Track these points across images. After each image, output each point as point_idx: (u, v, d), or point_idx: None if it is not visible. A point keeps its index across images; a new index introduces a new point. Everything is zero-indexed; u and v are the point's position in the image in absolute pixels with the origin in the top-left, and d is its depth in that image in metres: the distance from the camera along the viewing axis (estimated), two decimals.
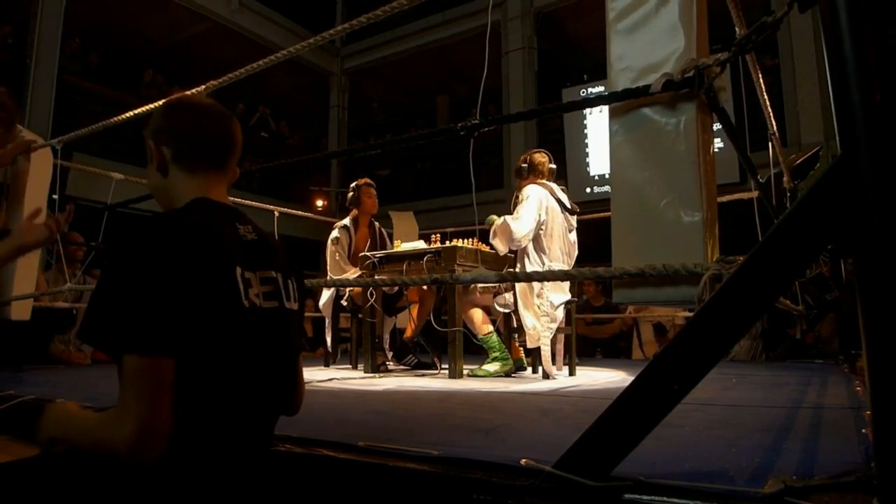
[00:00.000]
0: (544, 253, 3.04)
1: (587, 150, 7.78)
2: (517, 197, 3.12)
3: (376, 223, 4.08)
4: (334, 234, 3.84)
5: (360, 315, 3.67)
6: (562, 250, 3.11)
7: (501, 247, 3.05)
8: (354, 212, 3.95)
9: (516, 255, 3.16)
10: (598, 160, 7.66)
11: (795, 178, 3.55)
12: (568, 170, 7.51)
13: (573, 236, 3.21)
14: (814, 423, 1.58)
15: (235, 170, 1.14)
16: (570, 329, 3.25)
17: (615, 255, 1.46)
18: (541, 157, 3.27)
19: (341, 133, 10.05)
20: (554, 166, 3.29)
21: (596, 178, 7.55)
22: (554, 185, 3.20)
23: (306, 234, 8.67)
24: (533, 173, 3.24)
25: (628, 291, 1.46)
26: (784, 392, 2.32)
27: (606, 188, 7.85)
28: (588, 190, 7.61)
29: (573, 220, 3.23)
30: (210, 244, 0.94)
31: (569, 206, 3.18)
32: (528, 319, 2.98)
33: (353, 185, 3.96)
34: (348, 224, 3.90)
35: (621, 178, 1.47)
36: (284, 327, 1.04)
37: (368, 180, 3.99)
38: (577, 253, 3.22)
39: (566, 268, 3.12)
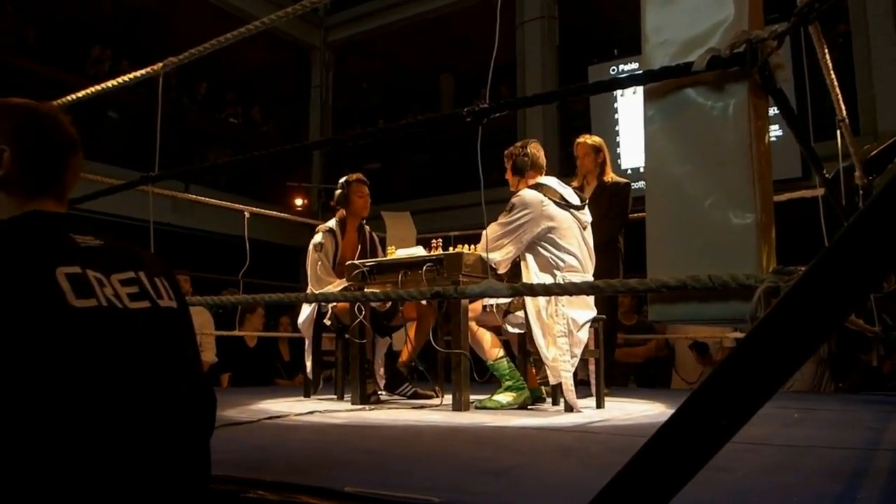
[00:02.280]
0: (557, 268, 3.05)
1: (618, 139, 7.80)
2: (510, 206, 3.14)
3: (367, 227, 4.09)
4: (317, 238, 3.85)
5: (346, 336, 3.66)
6: (580, 257, 3.12)
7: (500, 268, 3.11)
8: (341, 212, 3.96)
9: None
10: (631, 151, 7.68)
11: (870, 172, 3.54)
12: None
13: (589, 237, 3.23)
14: (893, 468, 1.57)
15: (76, 170, 1.20)
16: (597, 352, 3.25)
17: (651, 264, 1.47)
18: (537, 150, 3.32)
19: (325, 119, 10.10)
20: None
21: (628, 172, 7.56)
22: (554, 181, 3.22)
23: (283, 238, 8.71)
24: (533, 169, 3.27)
25: (667, 308, 1.46)
26: (857, 431, 2.32)
27: (641, 184, 7.84)
28: None
29: (585, 215, 3.24)
30: (15, 249, 0.99)
31: (576, 201, 3.20)
32: (546, 350, 2.98)
33: (341, 180, 3.98)
34: (334, 227, 3.91)
35: (658, 172, 1.48)
36: (165, 327, 1.07)
37: (360, 176, 4.01)
38: (594, 257, 3.23)
39: (588, 277, 3.13)
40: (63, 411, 0.91)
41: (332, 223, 3.95)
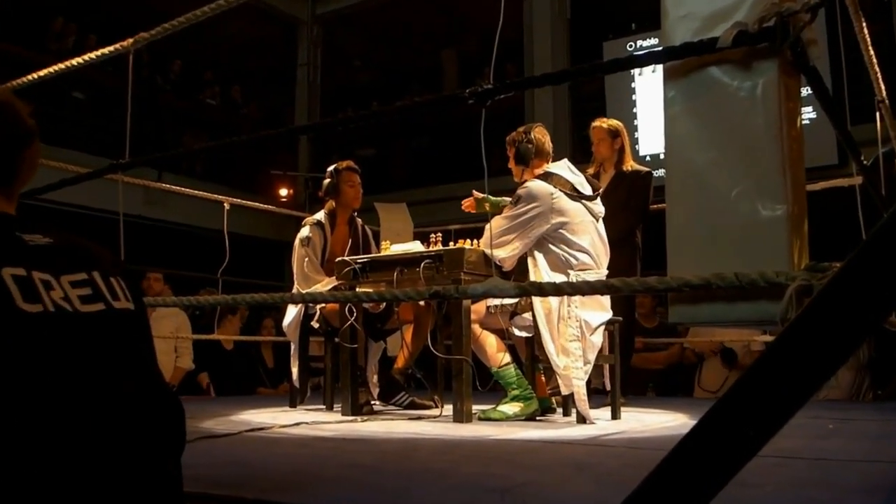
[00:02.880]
0: (569, 266, 3.05)
1: (635, 122, 7.79)
2: (515, 198, 3.14)
3: (359, 220, 4.09)
4: (304, 232, 3.86)
5: (336, 340, 3.67)
6: (594, 254, 3.12)
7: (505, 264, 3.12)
8: (331, 204, 3.97)
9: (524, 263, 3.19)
10: (650, 137, 7.67)
11: None
12: None
13: (602, 230, 3.23)
14: None
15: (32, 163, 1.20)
16: (612, 358, 3.25)
17: (671, 261, 1.47)
18: (542, 135, 3.31)
19: (312, 100, 10.10)
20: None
21: (647, 159, 7.56)
22: (564, 168, 3.22)
23: (266, 232, 8.72)
24: (539, 156, 3.27)
25: (689, 309, 1.47)
26: None
27: (661, 173, 7.81)
28: None
29: (598, 206, 3.24)
30: None
31: (588, 191, 3.20)
32: (557, 355, 2.98)
33: (330, 168, 3.98)
34: (322, 220, 3.91)
35: (680, 160, 1.48)
36: (120, 331, 1.08)
37: (351, 163, 4.01)
38: (608, 252, 3.23)
39: (603, 275, 3.13)
40: (4, 427, 0.91)
41: (320, 215, 3.95)
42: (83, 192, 5.72)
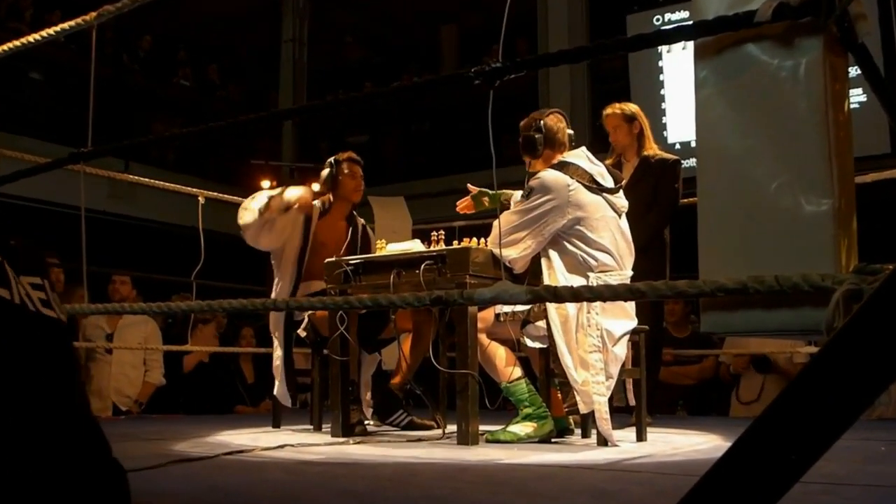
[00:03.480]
0: (589, 268, 3.05)
1: (663, 106, 7.80)
2: (527, 190, 3.15)
3: (360, 220, 4.13)
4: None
5: (325, 351, 3.67)
6: (615, 253, 3.12)
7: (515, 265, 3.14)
8: (328, 197, 4.01)
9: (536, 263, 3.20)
10: (680, 122, 7.68)
11: None
12: None
13: (625, 226, 3.23)
14: None
15: None
16: (638, 372, 3.25)
17: (703, 262, 1.47)
18: (557, 122, 3.30)
19: (298, 81, 10.12)
20: (572, 132, 3.34)
21: (676, 147, 7.57)
22: (582, 157, 3.22)
23: None
24: (551, 147, 3.27)
25: (723, 316, 1.47)
26: None
27: (691, 163, 7.85)
28: None
29: (620, 199, 3.25)
30: None
31: (609, 183, 3.20)
32: (575, 370, 2.98)
33: (330, 159, 4.01)
34: (318, 205, 3.95)
35: (713, 148, 1.48)
36: (65, 343, 1.11)
37: (353, 154, 4.06)
38: (633, 250, 3.23)
39: (626, 277, 3.14)
40: None
41: (316, 203, 3.97)
42: (41, 184, 5.75)
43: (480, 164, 8.05)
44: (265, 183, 9.59)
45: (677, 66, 7.70)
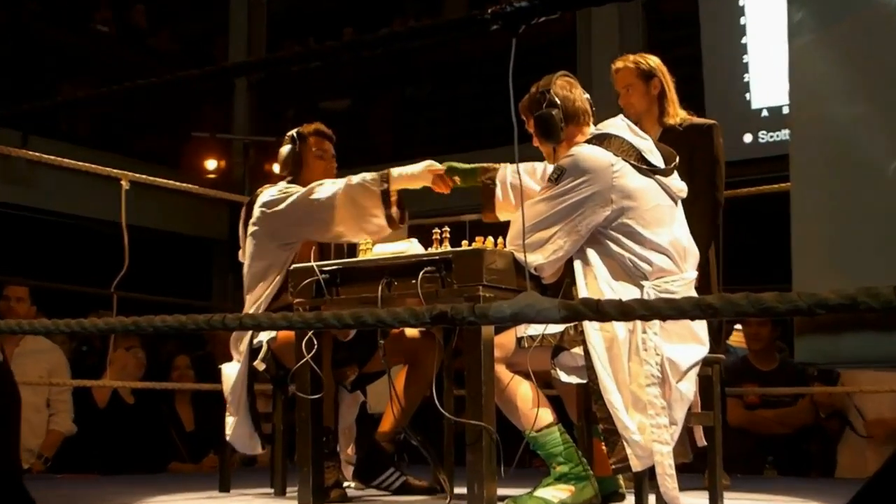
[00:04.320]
0: (643, 275, 3.05)
1: (744, 59, 7.78)
2: (556, 172, 3.14)
3: None
4: (271, 194, 3.87)
5: (290, 389, 3.67)
6: (674, 254, 3.13)
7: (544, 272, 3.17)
8: (291, 181, 4.01)
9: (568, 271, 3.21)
10: (767, 81, 7.66)
11: None
12: (707, 101, 7.52)
13: (681, 214, 3.24)
14: None
15: None
16: (710, 417, 3.25)
17: (797, 269, 1.47)
18: (567, 86, 3.30)
19: (255, 28, 10.15)
20: (588, 95, 3.35)
21: (763, 115, 7.56)
22: (623, 127, 3.23)
23: (184, 225, 8.74)
24: (572, 121, 3.27)
25: (824, 341, 1.47)
26: None
27: (782, 135, 7.83)
28: (747, 139, 7.60)
29: (676, 181, 3.26)
30: None
31: (660, 161, 3.20)
32: (626, 413, 2.97)
33: (291, 133, 4.02)
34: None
35: (811, 116, 1.49)
36: None
37: (321, 126, 4.07)
38: (696, 248, 3.25)
39: (690, 282, 3.15)
40: None
41: (280, 186, 3.97)
42: None
43: (497, 139, 7.99)
44: (210, 162, 9.64)
45: (765, 6, 7.70)
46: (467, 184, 3.50)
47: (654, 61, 4.10)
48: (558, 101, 3.24)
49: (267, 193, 3.89)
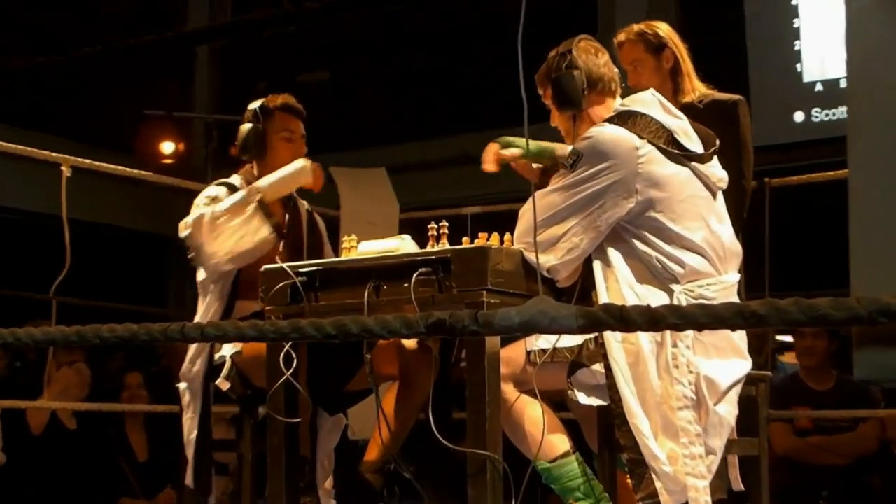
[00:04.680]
0: (673, 278, 3.04)
1: (794, 24, 7.79)
2: (572, 156, 3.14)
3: (303, 202, 4.19)
4: (211, 191, 3.94)
5: (260, 411, 3.67)
6: (711, 253, 3.13)
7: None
8: (250, 168, 4.05)
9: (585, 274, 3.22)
10: (821, 50, 7.66)
11: None
12: (751, 74, 7.52)
13: (723, 209, 3.25)
14: None
15: None
16: (753, 445, 3.25)
17: (857, 271, 1.48)
18: (591, 49, 3.30)
19: None
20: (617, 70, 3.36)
21: (818, 89, 7.57)
22: (654, 104, 3.23)
23: (134, 219, 8.74)
24: (596, 90, 3.27)
25: (889, 355, 1.47)
26: None
27: (839, 113, 7.89)
28: (798, 117, 7.61)
29: (716, 170, 3.26)
30: None
31: (697, 146, 3.20)
32: (654, 441, 2.97)
33: (252, 106, 4.03)
34: (239, 186, 3.98)
35: (872, 90, 1.49)
36: None
37: (288, 99, 4.08)
38: (739, 247, 3.27)
39: (731, 286, 3.15)
40: None
41: (235, 179, 4.02)
42: None
43: (504, 118, 7.93)
44: (167, 145, 9.64)
45: None
46: (538, 160, 3.47)
47: (663, 29, 4.08)
48: (581, 64, 3.24)
49: (208, 190, 3.97)
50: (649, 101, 3.23)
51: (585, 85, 3.23)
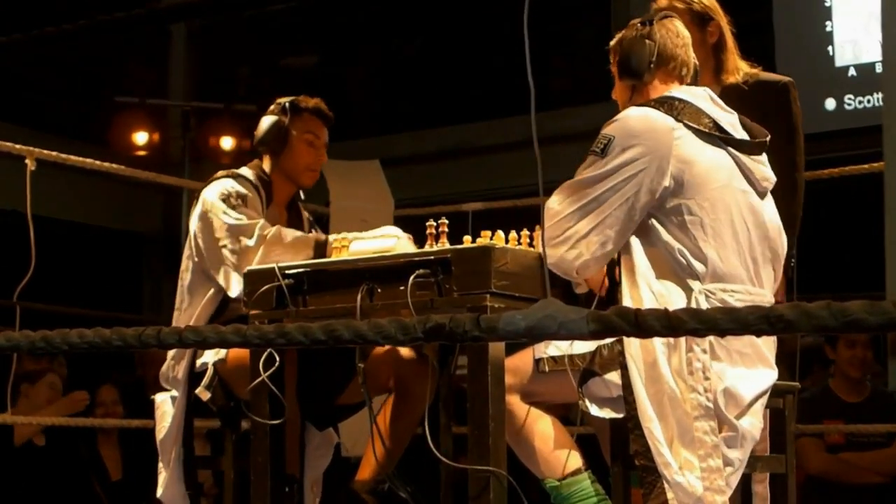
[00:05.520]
0: (694, 274, 3.03)
1: (825, 3, 7.80)
2: (602, 142, 3.13)
3: (305, 212, 4.25)
4: (228, 185, 3.91)
5: (242, 425, 3.68)
6: (746, 253, 3.13)
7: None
8: (259, 163, 4.10)
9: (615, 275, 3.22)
10: (853, 32, 7.67)
11: None
12: (778, 57, 7.53)
13: (771, 212, 3.24)
14: None
15: None
16: (780, 462, 3.26)
17: (892, 270, 1.48)
18: (676, 32, 3.30)
19: None
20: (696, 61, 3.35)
21: (851, 74, 7.58)
22: (701, 94, 3.24)
23: (104, 216, 8.74)
24: (663, 66, 3.26)
25: None
26: None
27: (874, 100, 7.88)
28: (829, 105, 7.62)
29: (762, 167, 3.26)
30: None
31: (741, 133, 3.21)
32: (670, 452, 2.97)
33: (283, 101, 4.08)
34: (254, 180, 4.02)
35: None
36: None
37: (321, 104, 4.15)
38: (785, 251, 3.26)
39: (764, 297, 3.15)
40: None
41: (247, 173, 4.04)
42: None
43: (509, 107, 7.96)
44: (140, 136, 9.62)
45: None
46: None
47: (709, 1, 3.96)
48: (657, 38, 3.24)
49: (222, 204, 3.90)
50: (699, 94, 3.23)
51: (654, 58, 3.23)
